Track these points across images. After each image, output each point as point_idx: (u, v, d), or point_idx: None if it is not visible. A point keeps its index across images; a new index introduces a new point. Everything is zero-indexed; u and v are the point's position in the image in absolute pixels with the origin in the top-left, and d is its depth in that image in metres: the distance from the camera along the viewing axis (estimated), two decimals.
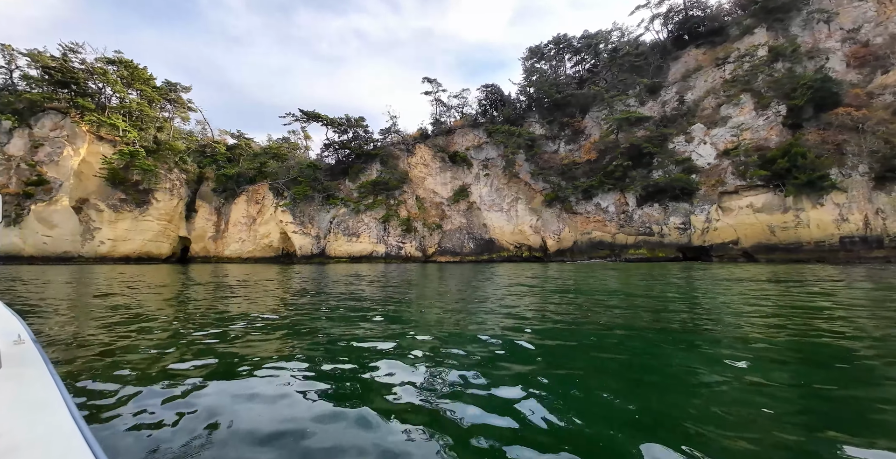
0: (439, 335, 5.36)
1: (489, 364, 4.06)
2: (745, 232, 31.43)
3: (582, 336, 5.31)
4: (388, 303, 8.59)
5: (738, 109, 35.62)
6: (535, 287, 12.36)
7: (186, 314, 7.42)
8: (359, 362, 4.16)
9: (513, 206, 42.46)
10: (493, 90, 51.75)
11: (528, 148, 44.42)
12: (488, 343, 4.88)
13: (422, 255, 40.29)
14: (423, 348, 4.68)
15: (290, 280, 15.94)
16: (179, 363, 4.24)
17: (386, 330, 5.74)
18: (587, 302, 8.73)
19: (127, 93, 43.24)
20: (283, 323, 6.38)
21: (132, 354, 4.62)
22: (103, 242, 38.32)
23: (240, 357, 4.44)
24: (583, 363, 4.19)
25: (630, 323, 6.12)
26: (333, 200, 42.68)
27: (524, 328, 5.74)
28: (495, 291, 11.15)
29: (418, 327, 5.95)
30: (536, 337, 5.14)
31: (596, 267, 26.82)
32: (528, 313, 7.19)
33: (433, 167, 46.30)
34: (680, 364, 4.12)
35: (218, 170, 47.17)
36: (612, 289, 11.41)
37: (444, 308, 8.08)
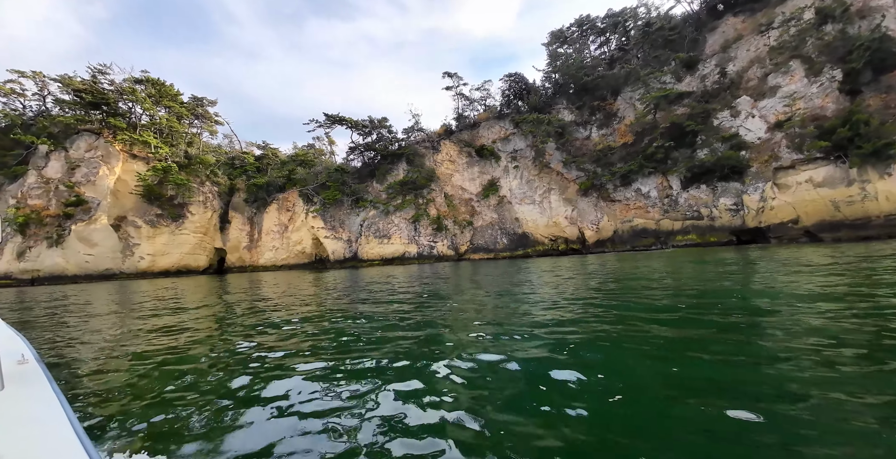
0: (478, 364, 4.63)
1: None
2: (805, 209, 29.47)
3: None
4: (428, 321, 8.28)
5: (788, 78, 33.48)
6: (575, 279, 11.81)
7: (225, 330, 7.36)
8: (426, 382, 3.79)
9: (545, 198, 41.52)
10: (517, 79, 50.81)
11: (558, 136, 43.34)
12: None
13: (454, 254, 40.01)
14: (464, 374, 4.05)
15: (324, 290, 15.93)
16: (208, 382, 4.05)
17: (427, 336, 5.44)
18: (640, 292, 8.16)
19: (156, 110, 44.92)
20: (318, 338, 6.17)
21: (153, 375, 4.44)
22: (143, 257, 40.02)
23: (274, 375, 4.17)
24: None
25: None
26: (363, 203, 43.01)
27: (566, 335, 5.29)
28: (539, 291, 10.68)
29: (462, 344, 5.60)
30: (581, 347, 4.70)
31: (638, 256, 25.78)
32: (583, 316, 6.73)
33: (460, 163, 45.92)
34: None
35: (248, 181, 48.48)
36: (675, 279, 10.74)
37: (485, 331, 7.70)
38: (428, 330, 5.68)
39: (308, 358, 4.72)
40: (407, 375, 3.87)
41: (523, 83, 51.64)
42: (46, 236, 36.23)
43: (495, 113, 49.06)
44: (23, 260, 35.46)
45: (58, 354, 5.62)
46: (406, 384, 3.64)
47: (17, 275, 35.33)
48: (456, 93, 52.83)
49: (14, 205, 37.00)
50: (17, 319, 9.86)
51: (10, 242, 36.35)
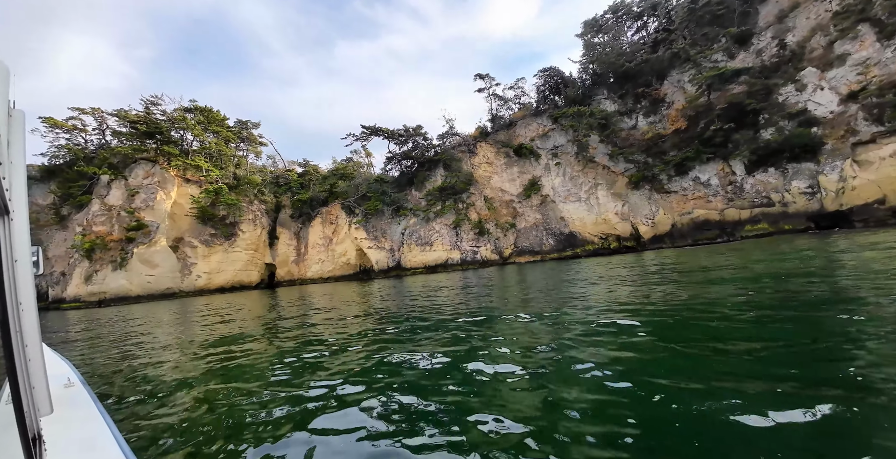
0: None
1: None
2: (892, 187, 26.30)
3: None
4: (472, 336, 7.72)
5: (858, 44, 30.36)
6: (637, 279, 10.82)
7: (281, 346, 7.15)
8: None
9: (592, 194, 39.85)
10: (552, 73, 49.55)
11: (602, 128, 41.64)
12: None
13: (499, 258, 39.13)
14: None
15: (369, 301, 15.74)
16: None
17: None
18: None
19: (205, 135, 47.72)
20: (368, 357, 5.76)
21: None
22: (200, 276, 42.28)
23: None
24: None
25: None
26: (403, 211, 43.24)
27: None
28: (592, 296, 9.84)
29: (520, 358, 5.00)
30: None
31: (702, 251, 23.90)
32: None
33: (497, 164, 45.17)
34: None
35: (293, 197, 50.32)
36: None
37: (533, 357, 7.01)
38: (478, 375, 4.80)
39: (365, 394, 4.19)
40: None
41: (559, 77, 50.26)
42: (111, 260, 39.05)
43: (531, 110, 48.00)
44: (90, 284, 38.36)
45: (112, 377, 5.60)
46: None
47: (86, 298, 38.23)
48: (490, 93, 52.35)
49: (80, 232, 40.28)
50: (89, 337, 10.33)
51: (77, 267, 39.50)
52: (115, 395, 4.68)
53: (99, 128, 49.49)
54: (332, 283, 42.95)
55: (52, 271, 46.96)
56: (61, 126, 47.74)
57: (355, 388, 3.97)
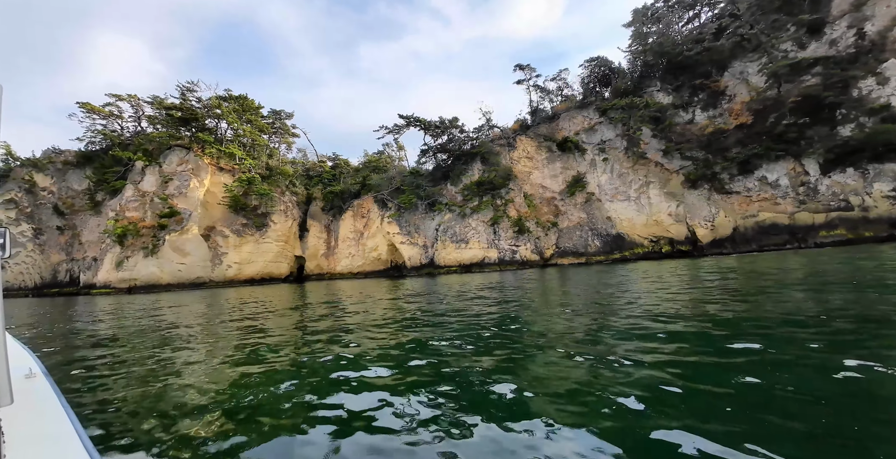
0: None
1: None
2: None
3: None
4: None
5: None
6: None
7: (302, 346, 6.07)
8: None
9: (642, 193, 37.74)
10: (600, 63, 47.45)
11: (654, 121, 39.42)
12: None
13: (539, 258, 37.46)
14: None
15: (400, 305, 14.57)
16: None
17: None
18: None
19: (241, 123, 47.85)
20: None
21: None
22: (230, 266, 42.28)
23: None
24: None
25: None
26: (438, 206, 42.09)
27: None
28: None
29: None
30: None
31: (768, 258, 21.79)
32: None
33: (538, 159, 43.46)
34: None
35: (325, 189, 50.05)
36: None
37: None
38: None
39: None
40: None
41: (607, 67, 48.08)
42: (143, 246, 39.38)
43: (576, 102, 46.05)
44: (121, 270, 38.75)
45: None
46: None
47: (116, 284, 38.65)
48: (531, 85, 50.63)
49: (113, 217, 40.88)
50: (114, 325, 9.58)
51: (109, 253, 40.02)
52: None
53: (135, 115, 50.41)
54: (362, 279, 42.30)
55: (84, 256, 48.10)
56: (98, 111, 48.72)
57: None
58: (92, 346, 7.51)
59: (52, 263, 48.29)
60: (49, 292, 46.14)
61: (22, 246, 46.40)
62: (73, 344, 7.81)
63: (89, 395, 4.22)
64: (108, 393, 4.24)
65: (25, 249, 46.46)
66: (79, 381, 4.81)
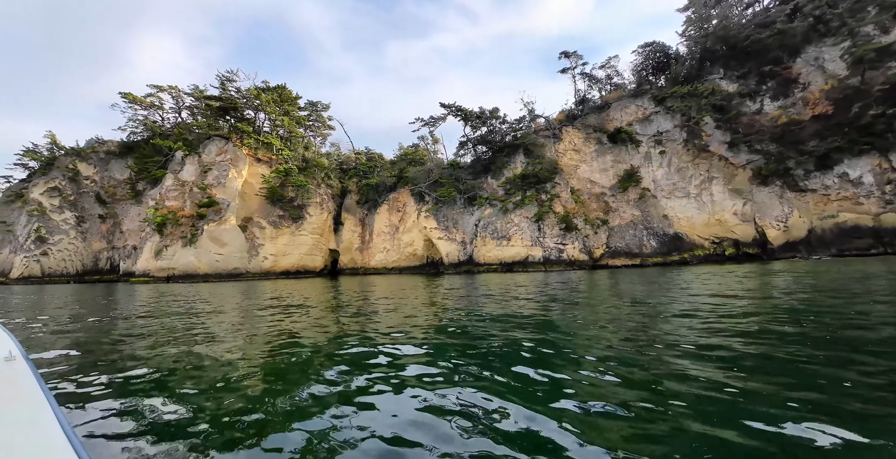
0: None
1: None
2: None
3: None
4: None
5: None
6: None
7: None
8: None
9: (704, 189, 35.40)
10: (656, 48, 44.81)
11: (719, 111, 36.84)
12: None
13: (588, 258, 35.63)
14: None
15: (437, 308, 13.42)
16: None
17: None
18: None
19: (279, 113, 48.07)
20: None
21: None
22: (266, 257, 42.48)
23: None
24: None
25: None
26: (479, 200, 40.78)
27: None
28: None
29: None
30: None
31: (851, 264, 19.57)
32: None
33: (586, 152, 41.48)
34: None
35: (360, 181, 49.82)
36: None
37: None
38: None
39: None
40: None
41: (662, 53, 45.38)
42: (181, 235, 39.92)
43: (628, 91, 43.64)
44: (160, 259, 39.40)
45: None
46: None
47: (155, 273, 39.34)
48: (578, 73, 48.42)
49: (153, 205, 41.61)
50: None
51: (149, 241, 40.81)
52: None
53: (175, 106, 51.34)
54: (397, 275, 41.72)
55: (124, 244, 49.40)
56: (140, 102, 49.72)
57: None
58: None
59: (93, 251, 49.82)
60: (90, 279, 47.61)
61: (65, 234, 47.97)
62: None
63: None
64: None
65: (68, 236, 48.02)
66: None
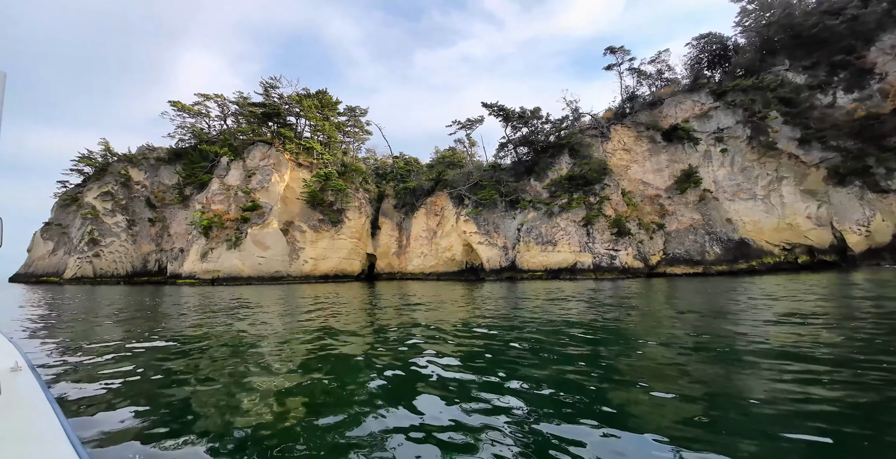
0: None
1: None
2: None
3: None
4: None
5: None
6: None
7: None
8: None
9: (772, 190, 32.72)
10: (712, 40, 42.18)
11: (786, 104, 34.07)
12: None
13: (643, 266, 33.46)
14: None
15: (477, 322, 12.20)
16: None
17: None
18: None
19: (319, 118, 48.98)
20: None
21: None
22: (307, 261, 42.86)
23: None
24: None
25: None
26: (522, 203, 39.39)
27: None
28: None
29: None
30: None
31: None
32: None
33: (638, 151, 39.42)
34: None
35: (397, 185, 49.89)
36: None
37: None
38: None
39: None
40: None
41: (720, 45, 42.68)
42: (226, 238, 40.80)
43: (683, 85, 41.25)
44: (205, 261, 40.42)
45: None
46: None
47: (200, 275, 40.28)
48: (625, 69, 46.30)
49: (199, 209, 43.01)
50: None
51: (195, 244, 41.93)
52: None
53: (221, 113, 53.05)
54: (434, 281, 40.97)
55: (171, 247, 50.96)
56: (188, 110, 51.48)
57: None
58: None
59: (142, 253, 51.72)
60: (138, 280, 49.33)
61: (116, 236, 50.04)
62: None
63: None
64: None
65: (119, 239, 50.04)
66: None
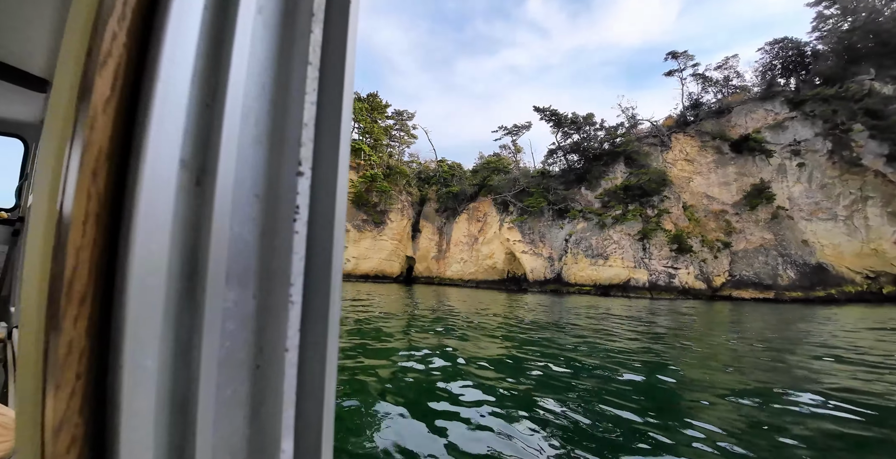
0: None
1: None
2: None
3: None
4: None
5: None
6: None
7: None
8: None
9: (856, 211, 30.00)
10: (787, 45, 39.36)
11: (872, 117, 31.23)
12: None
13: (706, 287, 31.31)
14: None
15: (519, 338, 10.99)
16: None
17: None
18: None
19: (369, 121, 49.78)
20: None
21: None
22: (349, 260, 43.44)
23: None
24: None
25: None
26: (572, 213, 37.83)
27: None
28: None
29: None
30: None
31: None
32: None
33: (702, 162, 37.18)
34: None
35: (440, 189, 49.73)
36: None
37: None
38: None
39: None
40: None
41: (795, 51, 39.77)
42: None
43: (755, 93, 38.66)
44: None
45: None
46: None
47: None
48: (689, 74, 43.94)
49: None
50: None
51: None
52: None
53: None
54: (473, 288, 40.26)
55: None
56: None
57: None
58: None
59: None
60: None
61: None
62: None
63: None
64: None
65: None
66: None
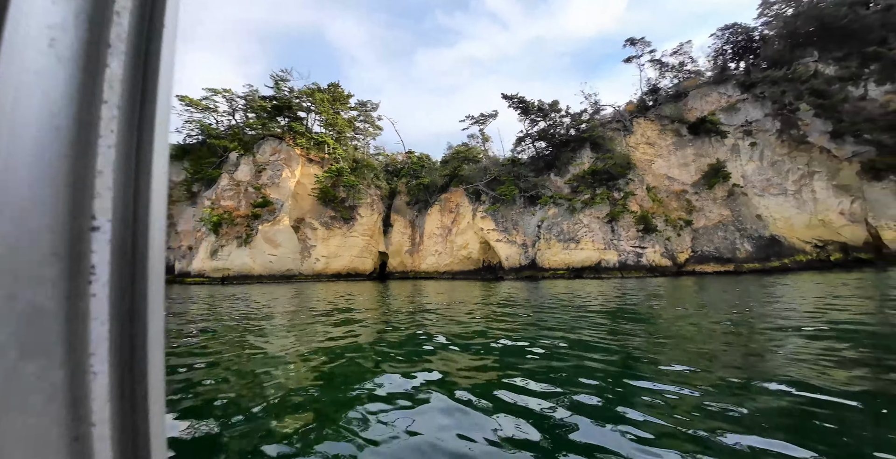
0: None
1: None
2: None
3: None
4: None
5: None
6: None
7: None
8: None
9: (804, 185, 32.06)
10: (737, 31, 41.38)
11: (818, 96, 33.35)
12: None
13: (671, 264, 32.84)
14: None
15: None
16: None
17: None
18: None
19: (332, 113, 48.37)
20: None
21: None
22: (318, 259, 42.30)
23: None
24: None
25: None
26: (544, 199, 38.73)
27: None
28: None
29: None
30: None
31: None
32: None
33: (662, 145, 38.74)
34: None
35: (410, 182, 49.30)
36: None
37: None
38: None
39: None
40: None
41: (745, 37, 41.88)
42: (237, 235, 40.16)
43: (709, 77, 40.52)
44: (215, 259, 39.72)
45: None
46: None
47: (210, 273, 39.61)
48: (647, 60, 45.64)
49: (209, 205, 42.15)
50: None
51: (204, 241, 41.09)
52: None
53: (230, 108, 52.23)
54: (449, 280, 40.27)
55: (179, 245, 50.28)
56: (196, 104, 50.60)
57: None
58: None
59: None
60: None
61: None
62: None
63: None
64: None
65: None
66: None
